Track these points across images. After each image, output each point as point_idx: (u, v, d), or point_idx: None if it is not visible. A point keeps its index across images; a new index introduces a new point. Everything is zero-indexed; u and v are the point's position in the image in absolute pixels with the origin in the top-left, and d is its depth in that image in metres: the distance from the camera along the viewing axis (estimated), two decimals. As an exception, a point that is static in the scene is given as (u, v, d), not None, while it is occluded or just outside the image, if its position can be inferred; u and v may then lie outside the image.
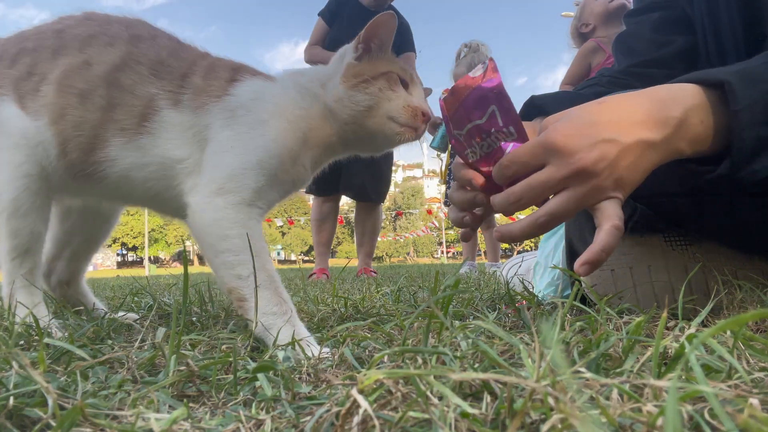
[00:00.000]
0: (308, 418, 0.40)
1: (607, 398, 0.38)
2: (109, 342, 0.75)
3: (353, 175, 3.41)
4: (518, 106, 1.01)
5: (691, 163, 0.75)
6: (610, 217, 0.68)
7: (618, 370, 0.47)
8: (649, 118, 0.69)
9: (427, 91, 1.03)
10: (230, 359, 0.54)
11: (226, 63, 0.99)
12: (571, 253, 1.03)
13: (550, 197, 0.70)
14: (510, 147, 0.72)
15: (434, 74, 28.19)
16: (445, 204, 4.68)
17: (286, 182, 0.91)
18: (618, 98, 0.73)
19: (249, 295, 0.77)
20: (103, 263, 43.28)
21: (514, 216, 0.80)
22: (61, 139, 0.93)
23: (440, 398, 0.38)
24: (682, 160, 0.73)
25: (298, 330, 0.76)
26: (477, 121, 0.72)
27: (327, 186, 3.42)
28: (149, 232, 41.11)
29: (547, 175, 0.69)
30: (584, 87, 1.09)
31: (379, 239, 4.08)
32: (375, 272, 3.57)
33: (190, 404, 0.46)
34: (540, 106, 0.98)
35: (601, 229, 0.68)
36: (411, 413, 0.36)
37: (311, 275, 3.33)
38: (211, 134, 0.90)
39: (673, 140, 0.70)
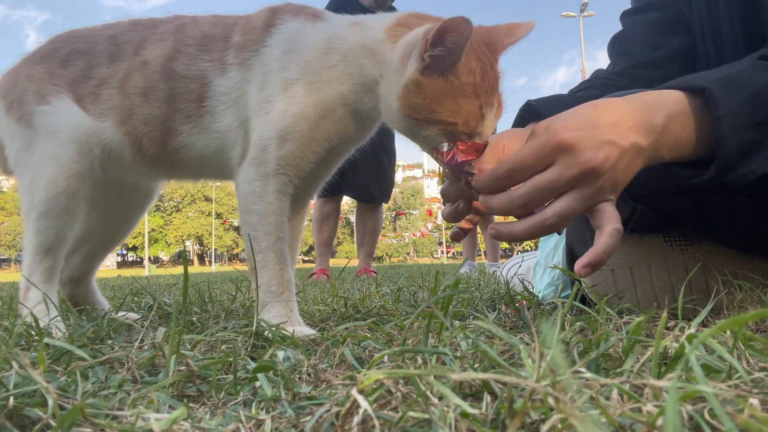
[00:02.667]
0: (308, 418, 0.40)
1: (607, 398, 0.38)
2: (109, 342, 0.75)
3: (358, 176, 3.36)
4: (517, 107, 1.01)
5: (679, 167, 0.75)
6: (610, 219, 0.68)
7: (618, 370, 0.47)
8: (639, 124, 0.69)
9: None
10: (230, 359, 0.54)
11: (263, 10, 0.97)
12: (571, 255, 1.02)
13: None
14: None
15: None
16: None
17: (326, 138, 0.90)
18: (610, 102, 0.72)
19: (256, 268, 0.86)
20: (102, 263, 43.15)
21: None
22: (133, 138, 0.97)
23: (440, 398, 0.37)
24: (673, 164, 0.73)
25: (292, 310, 0.86)
26: (460, 182, 0.79)
27: (329, 187, 3.36)
28: (149, 232, 41.08)
29: (555, 175, 0.66)
30: (579, 90, 1.09)
31: (379, 240, 4.07)
32: (375, 272, 3.56)
33: (190, 404, 0.46)
34: (536, 110, 0.97)
35: (602, 231, 0.68)
36: (411, 413, 0.36)
37: (312, 275, 3.33)
38: (251, 90, 0.91)
39: (656, 146, 0.70)
